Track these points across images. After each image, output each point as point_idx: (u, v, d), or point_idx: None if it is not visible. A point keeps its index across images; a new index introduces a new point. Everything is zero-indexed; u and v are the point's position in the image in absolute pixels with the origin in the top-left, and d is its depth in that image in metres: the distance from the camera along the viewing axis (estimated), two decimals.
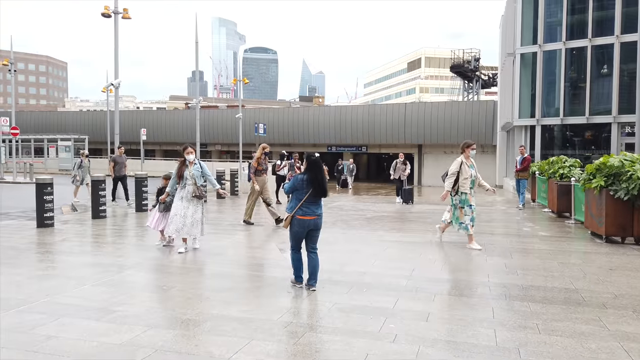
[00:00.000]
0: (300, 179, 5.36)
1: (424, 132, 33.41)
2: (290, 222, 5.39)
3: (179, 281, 5.74)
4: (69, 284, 5.49)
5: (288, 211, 5.43)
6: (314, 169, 5.37)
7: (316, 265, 5.44)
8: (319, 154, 5.70)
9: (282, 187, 7.69)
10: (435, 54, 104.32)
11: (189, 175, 7.56)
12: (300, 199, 5.31)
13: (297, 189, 5.37)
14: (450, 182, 7.93)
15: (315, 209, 5.39)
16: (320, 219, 5.47)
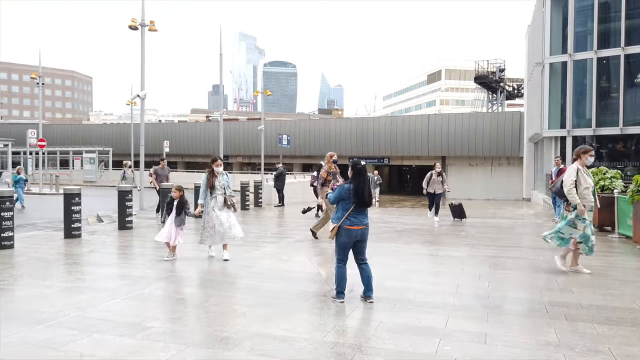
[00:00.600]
0: (347, 188, 5.14)
1: (448, 144, 32.88)
2: (337, 233, 5.14)
3: (211, 295, 5.47)
4: (99, 297, 5.26)
5: (335, 221, 5.20)
6: (359, 177, 5.12)
7: (370, 276, 5.26)
8: (365, 162, 5.40)
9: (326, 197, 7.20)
10: (455, 66, 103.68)
11: (219, 186, 7.68)
12: (347, 209, 5.12)
13: (343, 198, 5.16)
14: (574, 194, 6.51)
15: (363, 218, 5.19)
16: (367, 229, 5.27)
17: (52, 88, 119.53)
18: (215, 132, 42.41)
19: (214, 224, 7.46)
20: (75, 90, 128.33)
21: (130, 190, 11.28)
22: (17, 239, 9.23)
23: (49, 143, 38.74)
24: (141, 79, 16.88)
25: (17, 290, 5.64)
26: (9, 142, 31.54)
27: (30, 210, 17.20)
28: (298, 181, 23.93)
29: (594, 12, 20.99)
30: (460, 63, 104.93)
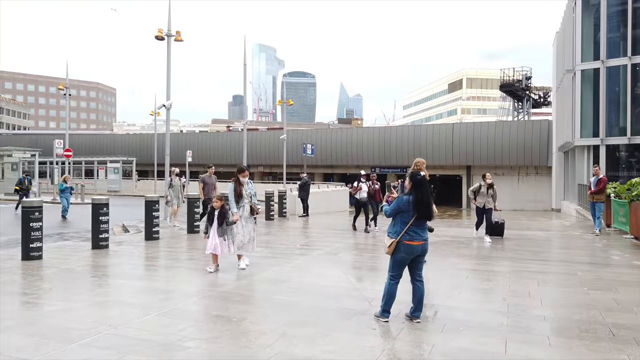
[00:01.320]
0: (406, 200, 4.84)
1: (473, 153, 32.23)
2: (395, 248, 4.85)
3: (248, 312, 5.19)
4: (132, 313, 5.03)
5: (393, 236, 4.90)
6: (420, 189, 4.83)
7: (422, 296, 4.99)
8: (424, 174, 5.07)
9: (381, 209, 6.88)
10: (477, 74, 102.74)
11: (246, 194, 7.78)
12: (405, 222, 4.84)
13: (402, 210, 4.87)
14: None
15: (422, 232, 4.92)
16: (427, 244, 4.99)
17: (77, 99, 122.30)
18: (236, 141, 42.54)
19: (237, 232, 7.52)
20: (99, 101, 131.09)
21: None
22: (45, 250, 9.14)
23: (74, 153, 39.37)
24: (167, 89, 16.90)
25: (46, 304, 5.46)
26: (37, 152, 32.06)
27: (58, 220, 17.27)
28: (322, 191, 23.64)
29: (628, 17, 20.34)
30: (481, 71, 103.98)
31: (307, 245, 10.46)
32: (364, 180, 13.09)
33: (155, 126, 37.97)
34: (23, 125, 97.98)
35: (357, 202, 13.14)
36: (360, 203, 13.04)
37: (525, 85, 35.38)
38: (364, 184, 12.99)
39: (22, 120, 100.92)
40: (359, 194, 12.97)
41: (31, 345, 4.08)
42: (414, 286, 5.03)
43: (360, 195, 12.96)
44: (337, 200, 24.88)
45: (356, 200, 13.12)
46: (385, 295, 4.96)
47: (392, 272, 4.97)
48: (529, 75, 35.34)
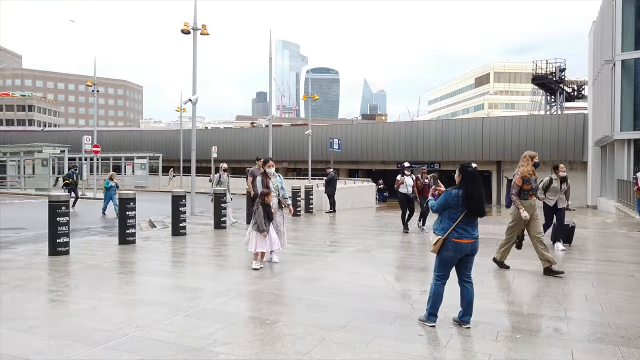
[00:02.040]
0: (455, 194, 4.43)
1: (504, 148, 31.26)
2: (441, 246, 4.45)
3: (281, 313, 4.84)
4: (159, 313, 4.74)
5: (439, 233, 4.49)
6: (470, 182, 4.42)
7: (472, 299, 4.55)
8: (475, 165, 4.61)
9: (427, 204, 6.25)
10: (505, 68, 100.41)
11: (273, 187, 7.55)
12: (454, 219, 4.42)
13: (450, 206, 4.45)
14: None
15: (472, 230, 4.48)
16: (477, 243, 4.55)
17: (105, 97, 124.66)
18: (260, 137, 42.44)
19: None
20: (126, 99, 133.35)
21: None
22: (72, 245, 9.01)
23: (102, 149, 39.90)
24: (193, 82, 16.75)
25: (72, 302, 5.22)
26: (66, 148, 32.56)
27: (85, 215, 17.34)
28: (348, 187, 23.22)
29: None
30: (510, 65, 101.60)
31: (337, 242, 10.09)
32: (407, 173, 11.80)
33: (181, 122, 38.16)
34: (53, 123, 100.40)
35: (402, 198, 11.77)
36: (407, 199, 11.73)
37: (559, 78, 34.10)
38: (408, 177, 11.73)
39: (53, 117, 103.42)
40: (402, 188, 11.67)
41: (54, 347, 3.82)
42: (462, 288, 4.60)
43: (406, 190, 11.64)
44: (363, 196, 24.43)
45: (400, 195, 11.80)
46: (431, 297, 4.55)
47: (439, 272, 4.56)
48: (563, 67, 34.05)
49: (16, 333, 4.14)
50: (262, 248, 7.01)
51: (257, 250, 6.97)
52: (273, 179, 7.72)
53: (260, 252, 7.00)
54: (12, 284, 6.00)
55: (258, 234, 6.98)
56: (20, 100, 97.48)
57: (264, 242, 7.00)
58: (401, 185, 11.66)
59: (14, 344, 3.89)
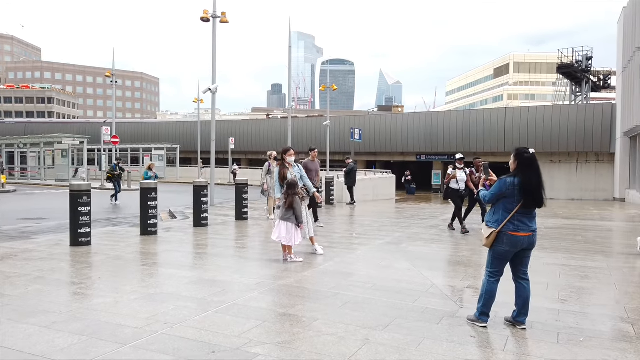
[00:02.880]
0: (510, 182, 4.03)
1: (528, 139, 30.45)
2: (495, 240, 4.06)
3: (317, 310, 4.51)
4: (187, 309, 4.45)
5: (493, 225, 4.10)
6: (528, 169, 4.02)
7: (528, 297, 4.17)
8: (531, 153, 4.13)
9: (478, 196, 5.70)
10: (525, 58, 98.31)
11: (291, 177, 7.24)
12: (510, 210, 4.02)
13: (505, 196, 4.06)
14: None
15: (530, 222, 4.08)
16: (536, 236, 4.14)
17: (122, 89, 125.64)
18: (277, 129, 42.16)
19: None
20: (144, 91, 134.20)
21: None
22: (94, 236, 8.81)
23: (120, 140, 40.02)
24: (212, 71, 16.45)
25: (95, 295, 4.96)
26: (85, 139, 32.68)
27: (106, 205, 17.26)
28: (369, 178, 22.80)
29: None
30: (530, 55, 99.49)
31: (364, 235, 9.72)
32: (460, 166, 10.20)
33: (199, 113, 38.07)
34: (72, 115, 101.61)
35: (453, 194, 10.22)
36: (459, 195, 10.22)
37: (586, 67, 33.03)
38: (461, 172, 10.15)
39: (72, 109, 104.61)
40: (453, 183, 10.19)
41: (78, 346, 3.54)
42: (517, 285, 4.21)
43: (457, 186, 10.14)
44: (384, 187, 24.00)
45: (451, 191, 10.22)
46: (483, 295, 4.18)
47: (492, 267, 4.18)
48: (590, 56, 32.96)
49: (39, 329, 3.88)
50: (289, 241, 6.70)
51: (289, 243, 6.70)
52: (291, 169, 7.45)
53: (289, 244, 6.74)
54: (35, 275, 5.78)
55: (290, 225, 6.66)
56: (39, 92, 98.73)
57: (294, 234, 6.71)
58: (452, 180, 10.18)
59: (36, 341, 3.63)
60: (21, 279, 5.59)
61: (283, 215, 6.72)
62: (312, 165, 10.86)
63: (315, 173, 10.79)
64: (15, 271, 5.99)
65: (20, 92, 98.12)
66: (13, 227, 10.97)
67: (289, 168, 7.47)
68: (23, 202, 18.23)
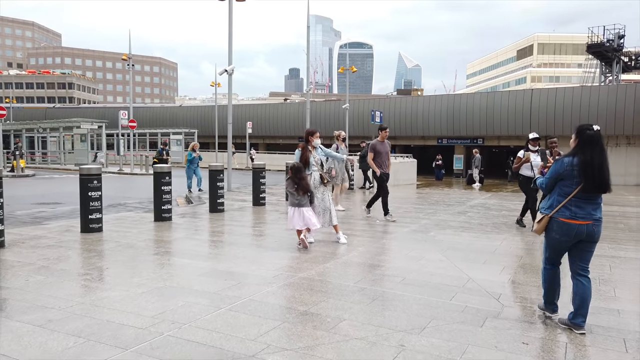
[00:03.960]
0: (568, 162, 3.49)
1: (555, 122, 29.31)
2: (546, 226, 3.64)
3: (343, 308, 4.01)
4: (199, 306, 4.00)
5: (545, 211, 3.64)
6: (589, 147, 3.45)
7: (588, 297, 3.61)
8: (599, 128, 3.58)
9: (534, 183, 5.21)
10: (549, 39, 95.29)
11: (315, 161, 6.86)
12: (566, 193, 3.53)
13: (562, 178, 3.51)
14: None
15: (593, 209, 3.53)
16: (599, 226, 3.57)
17: (141, 74, 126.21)
18: (295, 112, 41.57)
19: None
20: (162, 76, 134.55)
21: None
22: (106, 221, 8.48)
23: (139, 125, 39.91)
24: (229, 52, 15.93)
25: (100, 288, 4.55)
26: (103, 123, 32.62)
27: (121, 190, 17.05)
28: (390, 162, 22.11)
29: None
30: (555, 36, 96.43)
31: (388, 222, 9.17)
32: (534, 148, 8.30)
33: (216, 97, 37.70)
34: (92, 100, 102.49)
35: (524, 182, 8.42)
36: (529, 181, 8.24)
37: (618, 46, 31.49)
38: (536, 156, 8.23)
39: (92, 95, 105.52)
40: (525, 169, 8.28)
41: (73, 350, 3.11)
42: (575, 282, 3.67)
43: (531, 173, 8.20)
44: (405, 172, 23.31)
45: (522, 179, 8.42)
46: (543, 283, 3.87)
47: (546, 254, 3.82)
48: (622, 34, 31.40)
49: (32, 329, 3.47)
50: (297, 225, 6.44)
51: (292, 227, 6.52)
52: (314, 153, 6.95)
53: (297, 229, 6.49)
54: (39, 264, 5.42)
55: (295, 209, 6.44)
56: (60, 78, 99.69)
57: (298, 218, 6.42)
58: (524, 166, 8.30)
59: (27, 344, 3.21)
60: (24, 268, 5.23)
61: (300, 201, 6.41)
62: (382, 147, 9.09)
63: (385, 156, 9.10)
64: (20, 259, 5.64)
65: (42, 77, 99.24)
66: (27, 212, 10.74)
67: (312, 151, 6.97)
68: (41, 186, 18.14)
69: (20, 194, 14.82)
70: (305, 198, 6.43)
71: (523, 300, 4.35)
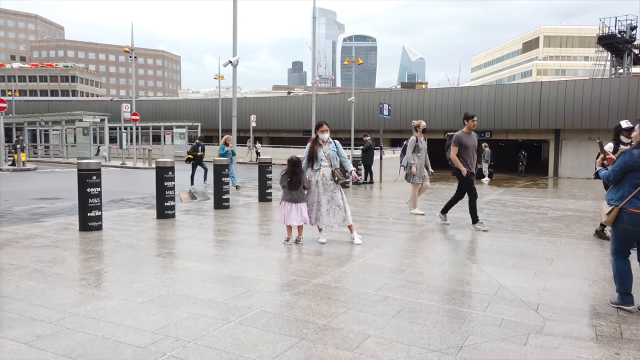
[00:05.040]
0: (637, 154, 3.58)
1: (565, 115, 28.73)
2: (616, 218, 3.73)
3: (365, 322, 3.58)
4: (204, 318, 3.58)
5: (615, 203, 3.68)
6: None
7: None
8: None
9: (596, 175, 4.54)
10: (556, 32, 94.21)
11: (324, 156, 6.40)
12: (636, 185, 3.58)
13: (632, 169, 3.57)
14: None
15: None
16: None
17: (144, 68, 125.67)
18: (299, 106, 41.06)
19: (313, 201, 6.41)
20: (165, 69, 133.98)
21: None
22: (106, 218, 8.09)
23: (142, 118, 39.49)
24: (233, 43, 15.43)
25: (96, 296, 4.14)
26: (105, 116, 32.23)
27: (124, 184, 16.67)
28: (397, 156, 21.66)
29: None
30: (561, 29, 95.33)
31: (401, 220, 8.74)
32: (627, 141, 6.55)
33: (220, 90, 37.24)
34: (96, 93, 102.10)
35: None
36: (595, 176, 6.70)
37: (630, 37, 30.80)
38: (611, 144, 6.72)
39: (95, 88, 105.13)
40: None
41: None
42: None
43: None
44: None
45: None
46: (616, 275, 3.90)
47: (614, 245, 3.92)
48: (634, 25, 30.68)
49: (17, 347, 3.06)
50: (295, 221, 6.26)
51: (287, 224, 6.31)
52: (325, 147, 6.50)
53: (287, 225, 6.33)
54: (32, 267, 5.01)
55: (285, 204, 6.27)
56: (63, 71, 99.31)
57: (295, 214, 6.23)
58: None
59: None
60: (15, 272, 4.82)
61: (296, 197, 6.23)
62: (469, 140, 7.71)
63: (472, 151, 7.72)
64: (12, 262, 5.23)
65: (45, 70, 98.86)
66: (25, 208, 10.35)
67: (322, 145, 6.52)
68: (42, 180, 17.77)
69: (20, 189, 14.45)
70: (302, 193, 6.25)
71: (565, 311, 3.91)
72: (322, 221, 6.40)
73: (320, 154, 6.47)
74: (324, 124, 6.54)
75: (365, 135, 18.22)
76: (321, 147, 6.52)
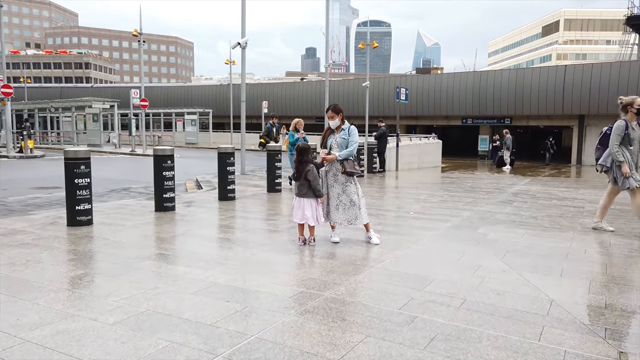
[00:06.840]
0: None
1: (590, 100, 27.38)
2: None
3: (391, 356, 2.81)
4: (185, 350, 2.84)
5: None
6: None
7: None
8: None
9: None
10: (577, 15, 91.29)
11: (335, 145, 5.67)
12: None
13: None
14: None
15: None
16: None
17: (157, 54, 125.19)
18: (312, 91, 40.10)
19: (325, 195, 5.70)
20: (178, 56, 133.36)
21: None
22: (102, 210, 7.44)
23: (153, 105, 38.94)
24: (242, 25, 14.64)
25: (61, 315, 3.42)
26: (115, 102, 31.70)
27: (130, 173, 16.08)
28: (414, 144, 20.77)
29: None
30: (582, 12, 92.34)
31: (423, 214, 7.92)
32: None
33: (231, 75, 36.46)
34: (109, 80, 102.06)
35: None
36: None
37: None
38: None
39: (108, 75, 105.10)
40: None
41: None
42: None
43: None
44: (429, 154, 21.97)
45: None
46: None
47: None
48: None
49: None
50: (296, 218, 5.58)
51: (313, 224, 5.54)
52: (336, 135, 5.70)
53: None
54: (0, 272, 4.33)
55: (297, 199, 5.54)
56: (77, 58, 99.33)
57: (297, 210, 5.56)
58: None
59: None
60: None
61: (300, 190, 5.51)
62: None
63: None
64: None
65: (59, 57, 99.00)
66: (19, 198, 9.76)
67: (334, 132, 5.72)
68: (46, 168, 17.26)
69: (22, 177, 13.93)
70: (306, 187, 5.45)
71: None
72: (332, 217, 5.67)
73: (330, 142, 5.70)
74: (329, 109, 5.71)
75: (380, 121, 17.33)
76: (333, 134, 5.74)
